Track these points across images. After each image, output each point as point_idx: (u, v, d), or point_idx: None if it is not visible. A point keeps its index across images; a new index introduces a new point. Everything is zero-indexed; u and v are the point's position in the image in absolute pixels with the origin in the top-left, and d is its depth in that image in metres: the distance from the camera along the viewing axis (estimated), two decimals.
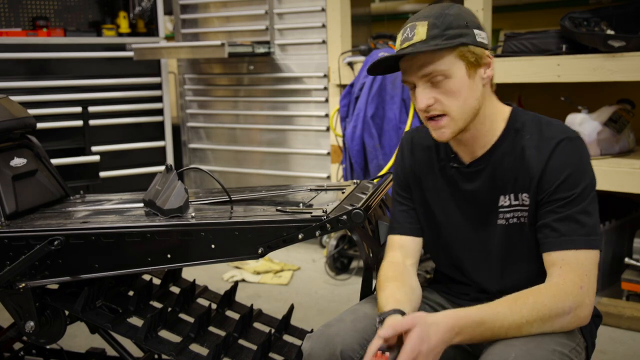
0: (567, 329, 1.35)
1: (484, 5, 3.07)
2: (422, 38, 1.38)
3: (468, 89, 1.40)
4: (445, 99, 1.39)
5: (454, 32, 1.38)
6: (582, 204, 1.37)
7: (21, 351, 2.15)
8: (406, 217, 1.61)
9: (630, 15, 2.93)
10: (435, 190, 1.56)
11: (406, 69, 1.43)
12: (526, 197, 1.43)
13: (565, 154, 1.39)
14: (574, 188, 1.37)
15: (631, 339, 2.72)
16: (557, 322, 1.32)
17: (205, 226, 1.65)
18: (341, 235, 3.57)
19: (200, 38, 4.42)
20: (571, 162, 1.38)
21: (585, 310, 1.35)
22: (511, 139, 1.45)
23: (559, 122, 1.46)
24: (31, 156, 2.09)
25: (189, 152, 4.64)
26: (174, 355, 1.75)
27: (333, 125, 3.66)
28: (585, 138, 2.92)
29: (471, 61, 1.39)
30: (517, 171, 1.43)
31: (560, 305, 1.31)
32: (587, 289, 1.34)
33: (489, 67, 1.43)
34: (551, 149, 1.39)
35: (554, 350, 1.29)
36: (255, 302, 2.71)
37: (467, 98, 1.40)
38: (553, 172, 1.38)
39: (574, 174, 1.38)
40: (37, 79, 4.04)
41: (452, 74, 1.38)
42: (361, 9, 3.98)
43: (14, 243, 1.76)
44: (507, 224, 1.46)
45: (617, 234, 3.20)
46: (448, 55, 1.38)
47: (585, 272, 1.34)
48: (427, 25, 1.38)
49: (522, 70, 2.96)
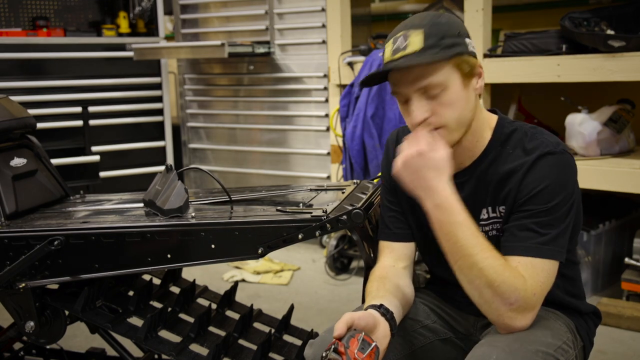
0: (496, 316, 1.31)
1: (484, 5, 3.06)
2: (417, 48, 1.32)
3: (464, 100, 1.37)
4: (442, 110, 1.35)
5: (449, 41, 1.34)
6: (548, 217, 1.34)
7: (21, 351, 2.14)
8: (396, 223, 1.58)
9: (630, 15, 2.93)
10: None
11: (398, 81, 1.37)
12: (503, 209, 1.42)
13: (543, 169, 1.37)
14: (545, 202, 1.35)
15: (631, 339, 2.72)
16: (497, 299, 1.28)
17: (205, 226, 1.65)
18: (341, 235, 3.57)
19: (200, 38, 4.42)
20: (548, 176, 1.36)
21: (527, 316, 1.31)
22: (496, 152, 1.44)
23: (543, 135, 1.43)
24: (31, 156, 2.09)
25: (189, 152, 4.64)
26: (174, 355, 1.75)
27: (333, 125, 3.66)
28: (585, 138, 2.93)
29: (466, 72, 1.36)
30: (498, 184, 1.42)
31: (511, 290, 1.27)
32: (538, 297, 1.31)
33: (481, 78, 1.41)
34: (530, 163, 1.38)
35: (537, 351, 1.28)
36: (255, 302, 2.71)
37: (463, 109, 1.37)
38: (528, 185, 1.37)
39: (549, 188, 1.35)
40: (37, 79, 4.03)
41: (448, 85, 1.34)
42: (361, 9, 3.97)
43: (14, 243, 1.76)
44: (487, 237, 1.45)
45: (617, 234, 3.20)
46: (444, 66, 1.33)
47: (541, 281, 1.32)
48: (422, 34, 1.33)
49: (522, 70, 2.96)
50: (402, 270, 1.54)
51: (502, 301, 1.28)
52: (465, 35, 1.39)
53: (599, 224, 3.09)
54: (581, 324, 1.50)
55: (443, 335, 1.56)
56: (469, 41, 1.38)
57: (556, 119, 3.19)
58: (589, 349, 1.51)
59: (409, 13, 4.17)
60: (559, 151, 1.39)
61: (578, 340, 1.46)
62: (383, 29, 4.09)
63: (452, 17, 1.41)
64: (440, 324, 1.57)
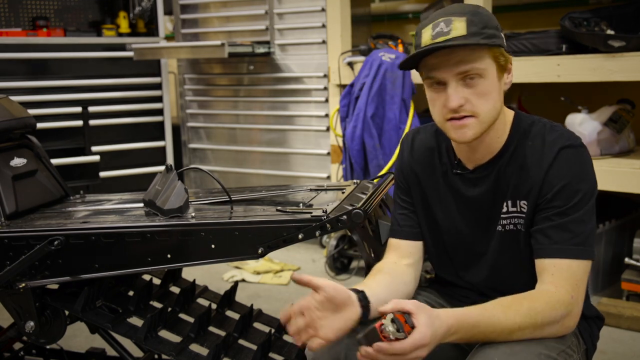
0: (553, 337, 1.34)
1: (484, 5, 3.07)
2: (462, 33, 1.31)
3: (497, 92, 1.38)
4: (476, 100, 1.35)
5: (490, 31, 1.34)
6: (578, 212, 1.36)
7: (21, 351, 2.14)
8: (406, 221, 1.59)
9: (630, 15, 2.94)
10: (437, 194, 1.54)
11: (438, 64, 1.35)
12: (524, 204, 1.42)
13: (566, 162, 1.38)
14: (572, 197, 1.36)
15: (631, 339, 2.71)
16: (547, 330, 1.32)
17: (205, 226, 1.65)
18: (341, 235, 3.57)
19: (200, 38, 4.42)
20: (571, 170, 1.37)
21: (573, 320, 1.35)
22: (515, 146, 1.44)
23: (561, 128, 1.44)
24: (31, 156, 2.09)
25: (189, 152, 4.64)
26: (174, 355, 1.75)
27: (333, 125, 3.66)
28: (585, 138, 2.92)
29: (502, 64, 1.37)
30: (519, 178, 1.42)
31: (553, 314, 1.31)
32: (577, 298, 1.34)
33: (510, 74, 1.42)
34: (552, 157, 1.38)
35: (539, 354, 1.29)
36: (255, 302, 2.71)
37: (496, 101, 1.38)
38: (552, 180, 1.37)
39: (573, 182, 1.36)
40: (37, 79, 4.03)
41: (486, 75, 1.34)
42: (361, 9, 3.98)
43: (14, 243, 1.75)
44: (503, 230, 1.45)
45: (617, 234, 3.20)
46: (485, 54, 1.34)
47: (577, 282, 1.34)
48: (465, 21, 1.32)
49: (522, 70, 2.96)
50: (404, 267, 1.55)
51: (552, 326, 1.32)
52: (501, 30, 1.40)
53: (599, 224, 3.09)
54: (584, 327, 1.49)
55: None
56: (503, 36, 1.40)
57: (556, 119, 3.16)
58: (592, 352, 1.51)
59: (409, 13, 4.18)
60: (578, 144, 1.40)
61: (581, 344, 1.46)
62: (383, 29, 4.09)
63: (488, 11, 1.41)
64: None
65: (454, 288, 1.60)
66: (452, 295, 1.60)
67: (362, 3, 4.00)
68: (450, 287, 1.61)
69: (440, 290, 1.64)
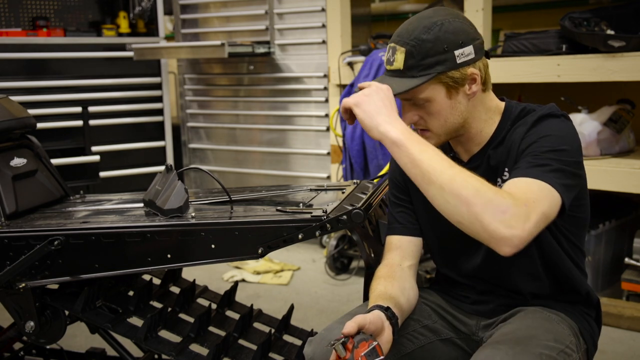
0: (491, 228, 1.18)
1: (484, 5, 3.07)
2: (399, 67, 1.41)
3: (449, 108, 1.42)
4: (427, 117, 1.44)
5: (430, 60, 1.37)
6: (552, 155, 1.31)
7: (21, 351, 2.15)
8: (404, 217, 1.61)
9: (630, 15, 2.93)
10: None
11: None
12: (507, 171, 1.43)
13: (544, 126, 1.38)
14: (548, 145, 1.33)
15: (631, 339, 2.72)
16: (488, 210, 1.18)
17: (205, 226, 1.65)
18: (341, 235, 3.57)
19: (200, 38, 4.42)
20: (549, 130, 1.37)
21: (520, 227, 1.17)
22: (506, 131, 1.46)
23: (548, 105, 1.45)
24: (31, 156, 2.09)
25: (189, 152, 4.64)
26: (174, 355, 1.76)
27: (333, 125, 3.66)
28: (585, 138, 2.92)
29: (450, 85, 1.40)
30: (507, 155, 1.44)
31: (501, 200, 1.19)
32: (530, 211, 1.20)
33: (475, 82, 1.42)
34: (532, 123, 1.40)
35: (540, 354, 1.28)
36: (255, 302, 2.71)
37: (448, 117, 1.43)
38: (530, 137, 1.38)
39: (550, 137, 1.34)
40: (37, 79, 4.03)
41: (432, 99, 1.41)
42: (361, 9, 3.98)
43: (14, 243, 1.75)
44: None
45: (617, 234, 3.20)
46: (426, 85, 1.39)
47: (535, 198, 1.23)
48: (404, 53, 1.39)
49: (522, 70, 2.96)
50: (407, 269, 1.55)
51: (496, 214, 1.18)
52: (456, 46, 1.37)
53: (599, 224, 3.09)
54: (585, 327, 1.49)
55: (444, 335, 1.57)
56: (460, 51, 1.38)
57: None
58: (592, 351, 1.51)
59: (409, 13, 4.18)
60: (560, 114, 1.41)
61: (581, 343, 1.46)
62: (383, 29, 4.09)
63: (445, 26, 1.38)
64: (442, 324, 1.57)
65: (453, 287, 1.60)
66: (452, 294, 1.61)
67: (362, 3, 4.00)
68: (450, 286, 1.61)
69: (439, 290, 1.64)
